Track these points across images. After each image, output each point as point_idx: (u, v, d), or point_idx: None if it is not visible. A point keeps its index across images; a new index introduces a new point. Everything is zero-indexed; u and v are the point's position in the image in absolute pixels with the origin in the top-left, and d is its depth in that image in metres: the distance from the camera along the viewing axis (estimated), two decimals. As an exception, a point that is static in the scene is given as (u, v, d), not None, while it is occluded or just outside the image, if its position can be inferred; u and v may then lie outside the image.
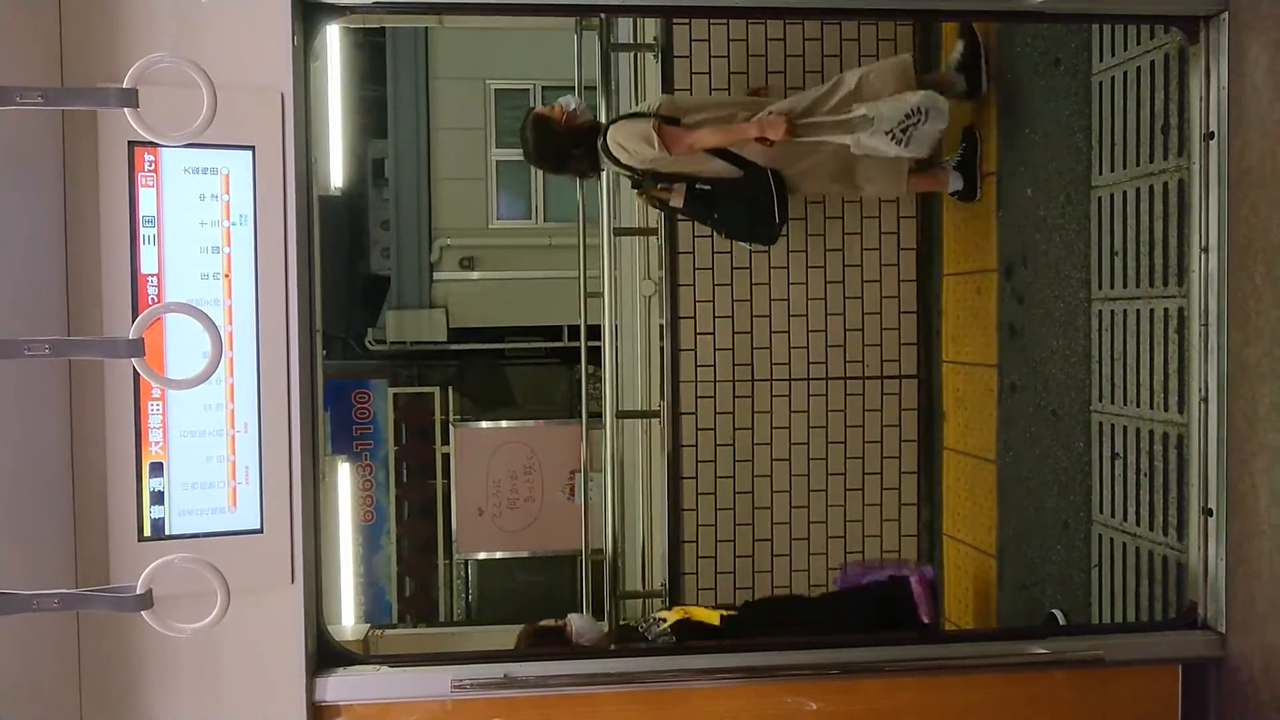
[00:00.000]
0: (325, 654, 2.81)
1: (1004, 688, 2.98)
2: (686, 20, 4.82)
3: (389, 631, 7.63)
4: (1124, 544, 3.73)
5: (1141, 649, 3.01)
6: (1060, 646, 2.96)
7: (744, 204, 4.32)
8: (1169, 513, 3.44)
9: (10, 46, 2.39)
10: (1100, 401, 3.86)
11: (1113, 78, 3.74)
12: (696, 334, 5.06)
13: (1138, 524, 3.64)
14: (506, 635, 6.99)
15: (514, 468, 9.32)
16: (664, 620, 4.06)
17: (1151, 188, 3.51)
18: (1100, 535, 3.89)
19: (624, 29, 5.48)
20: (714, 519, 5.05)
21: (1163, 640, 3.05)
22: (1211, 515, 3.03)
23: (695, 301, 5.05)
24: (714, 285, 5.05)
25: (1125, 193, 3.67)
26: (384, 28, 9.92)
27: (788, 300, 5.07)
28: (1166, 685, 3.01)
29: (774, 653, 3.01)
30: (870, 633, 4.06)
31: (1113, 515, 3.80)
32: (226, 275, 2.62)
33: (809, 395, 5.09)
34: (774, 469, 5.07)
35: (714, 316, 5.05)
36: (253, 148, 2.61)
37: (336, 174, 9.61)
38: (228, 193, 2.61)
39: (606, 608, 5.20)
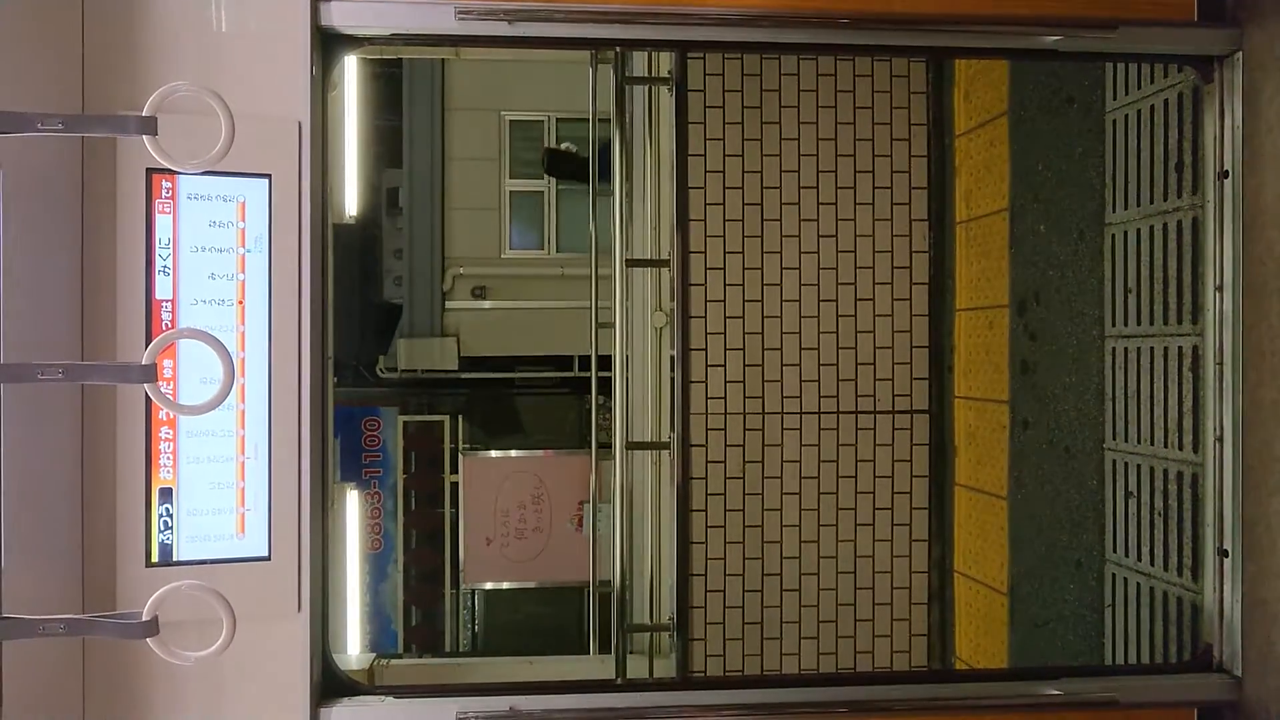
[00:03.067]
0: (330, 684, 2.79)
1: (1015, 728, 2.94)
2: (701, 55, 4.86)
3: (394, 661, 7.58)
4: (1138, 584, 3.69)
5: (1156, 691, 2.97)
6: (1073, 688, 2.92)
7: None
8: (1184, 553, 3.40)
9: (33, 73, 2.42)
10: (1114, 439, 3.83)
11: (1126, 116, 3.75)
12: (707, 366, 5.05)
13: (1152, 564, 3.60)
14: (513, 667, 6.96)
15: (522, 497, 9.29)
16: None
17: (1165, 225, 3.50)
18: (1114, 575, 3.85)
19: (638, 62, 5.53)
20: (723, 552, 5.02)
21: (1178, 683, 3.00)
22: (1227, 556, 3.00)
23: (706, 334, 5.05)
24: (725, 318, 5.05)
25: (1139, 230, 3.66)
26: (401, 59, 10.02)
27: (799, 334, 5.07)
28: (1181, 729, 2.97)
29: (782, 689, 2.98)
30: None
31: (1126, 554, 3.76)
32: (240, 302, 2.63)
33: (820, 429, 5.06)
34: (784, 503, 5.04)
35: (725, 349, 5.04)
36: (269, 176, 2.62)
37: (351, 203, 9.67)
38: (243, 220, 2.63)
39: (614, 641, 5.16)
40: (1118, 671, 3.57)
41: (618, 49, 4.90)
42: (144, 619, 2.06)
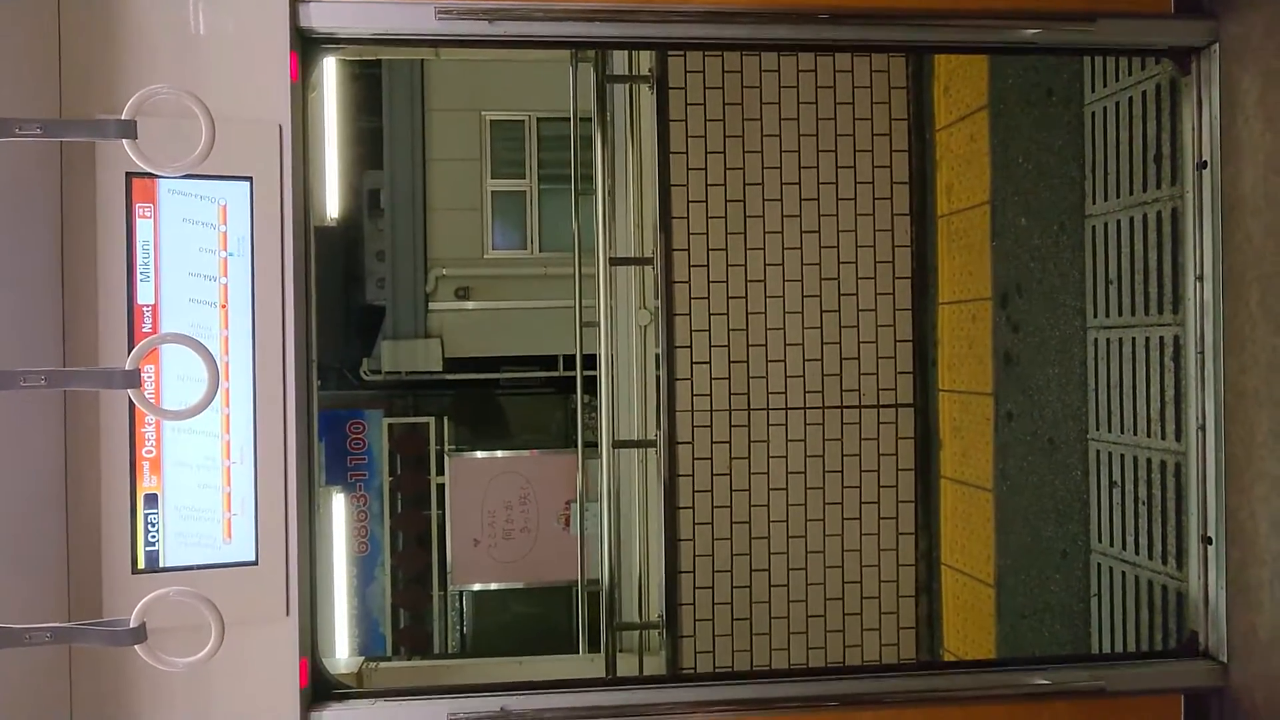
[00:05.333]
0: (319, 688, 2.78)
1: (1003, 718, 2.96)
2: (681, 53, 4.86)
3: (383, 664, 7.56)
4: (1123, 573, 3.71)
5: (1143, 679, 3.00)
6: (1061, 677, 2.94)
7: None
8: (1168, 541, 3.43)
9: (9, 78, 2.40)
10: (1097, 430, 3.86)
11: (1105, 108, 3.77)
12: (693, 363, 5.06)
13: (1136, 553, 3.62)
14: (503, 667, 6.95)
15: (509, 498, 9.28)
16: None
17: (1145, 216, 3.53)
18: (1099, 564, 3.88)
19: (619, 61, 5.52)
20: (711, 549, 5.03)
21: (1164, 670, 3.03)
22: (1211, 544, 3.02)
23: (691, 331, 5.05)
24: (710, 314, 5.05)
25: (1119, 221, 3.68)
26: (380, 60, 9.98)
27: (784, 329, 5.08)
28: (1169, 715, 2.99)
29: (772, 684, 2.99)
30: None
31: (1111, 544, 3.79)
32: (223, 305, 2.61)
33: (805, 424, 5.08)
34: (771, 498, 5.05)
35: (710, 346, 5.05)
36: (250, 179, 2.61)
37: (333, 205, 9.64)
38: (225, 224, 2.61)
39: (603, 639, 5.16)
40: (1105, 660, 3.60)
41: (596, 48, 4.91)
42: (131, 626, 2.05)
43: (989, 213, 4.64)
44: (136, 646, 2.06)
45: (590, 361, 6.22)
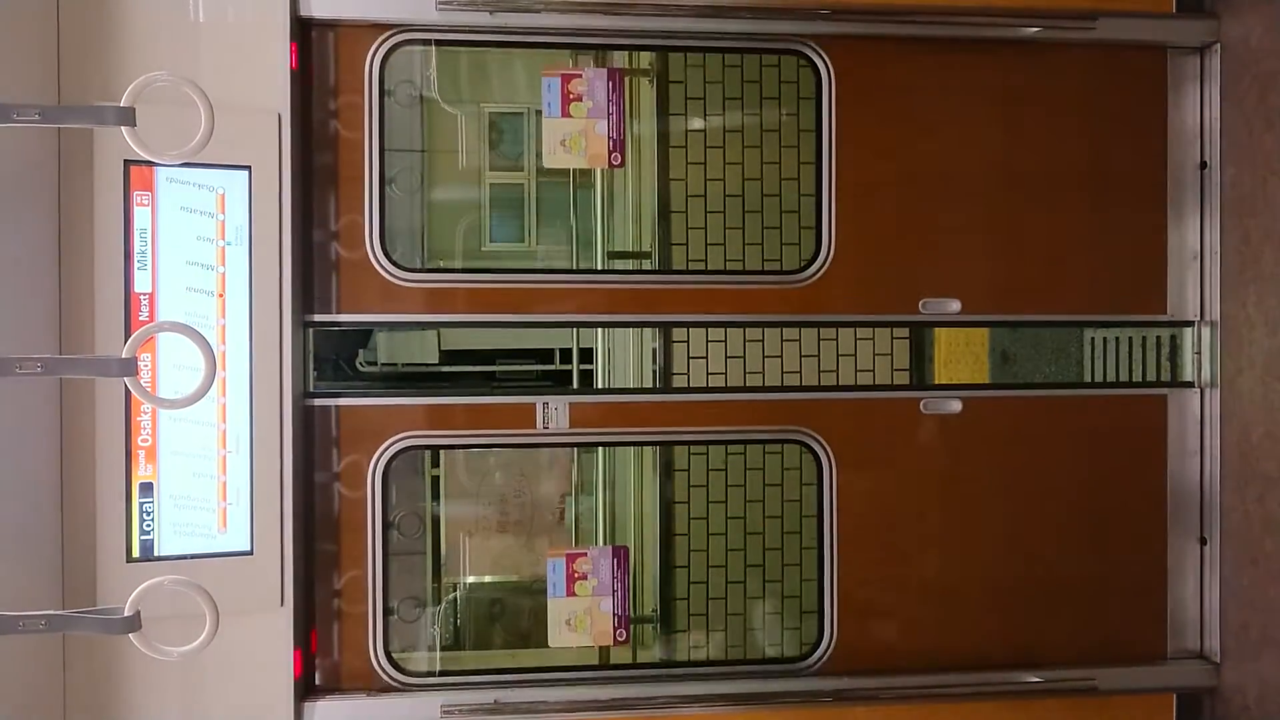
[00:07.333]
0: (314, 678, 2.78)
1: (996, 716, 2.97)
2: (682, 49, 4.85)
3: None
4: (1117, 572, 3.72)
5: (1135, 678, 3.00)
6: (1053, 675, 2.94)
7: None
8: (1162, 541, 3.43)
9: (7, 64, 2.39)
10: (1093, 429, 3.86)
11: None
12: (689, 359, 5.04)
13: (1130, 552, 3.63)
14: (497, 660, 6.94)
15: (504, 491, 9.27)
16: None
17: (1144, 216, 3.52)
18: (1093, 563, 3.88)
19: (619, 54, 5.50)
20: (706, 544, 5.02)
21: (1156, 669, 3.04)
22: (1206, 544, 3.03)
23: (689, 326, 5.03)
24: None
25: (1117, 221, 3.68)
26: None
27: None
28: (1161, 715, 3.00)
29: (765, 680, 3.01)
30: None
31: (1105, 543, 3.79)
32: (220, 295, 2.61)
33: (801, 420, 5.07)
34: (766, 494, 5.04)
35: (707, 341, 5.04)
36: (249, 168, 2.60)
37: (330, 195, 9.60)
38: (223, 212, 2.60)
39: (597, 633, 5.15)
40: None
41: (600, 47, 4.88)
42: (125, 614, 2.05)
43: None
44: (131, 635, 2.06)
45: (586, 355, 6.21)
